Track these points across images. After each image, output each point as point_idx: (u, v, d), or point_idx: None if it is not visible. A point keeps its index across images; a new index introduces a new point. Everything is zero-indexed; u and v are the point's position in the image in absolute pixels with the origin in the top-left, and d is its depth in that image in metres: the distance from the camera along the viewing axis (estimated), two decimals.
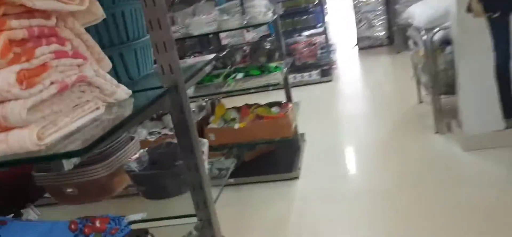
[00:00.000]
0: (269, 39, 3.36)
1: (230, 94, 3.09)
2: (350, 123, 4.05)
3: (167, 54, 1.09)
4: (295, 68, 5.74)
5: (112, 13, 1.11)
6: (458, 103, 2.92)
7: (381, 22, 6.63)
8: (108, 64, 0.96)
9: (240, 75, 2.93)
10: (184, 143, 1.15)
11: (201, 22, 2.83)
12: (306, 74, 5.65)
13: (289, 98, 3.26)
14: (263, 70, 2.99)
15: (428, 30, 3.11)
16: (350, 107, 4.55)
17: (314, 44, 5.65)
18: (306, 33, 5.65)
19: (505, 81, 2.66)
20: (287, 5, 5.65)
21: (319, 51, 5.71)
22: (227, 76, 3.06)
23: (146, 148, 1.49)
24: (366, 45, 6.85)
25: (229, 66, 3.30)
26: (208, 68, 1.58)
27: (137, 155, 1.45)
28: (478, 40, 2.63)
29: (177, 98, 1.11)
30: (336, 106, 4.76)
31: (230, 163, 2.66)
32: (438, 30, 3.02)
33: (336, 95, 5.22)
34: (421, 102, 4.02)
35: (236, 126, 2.93)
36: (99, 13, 0.92)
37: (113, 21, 1.13)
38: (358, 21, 6.75)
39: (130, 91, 0.98)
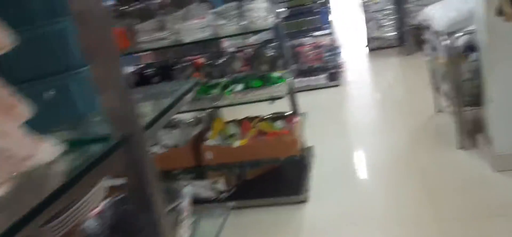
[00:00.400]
0: (272, 44, 3.02)
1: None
2: (362, 135, 3.71)
3: (115, 92, 0.78)
4: (300, 72, 5.42)
5: (46, 33, 0.80)
6: (486, 117, 2.58)
7: (391, 22, 6.27)
8: (25, 112, 0.65)
9: (239, 87, 2.61)
10: (145, 217, 0.83)
11: (193, 28, 2.51)
12: (312, 78, 5.31)
13: (295, 111, 2.93)
14: (265, 81, 2.67)
15: (450, 34, 2.77)
16: (361, 115, 4.21)
17: (321, 46, 5.31)
18: (312, 34, 5.30)
19: None
20: (291, 4, 5.31)
21: (326, 54, 5.37)
22: (225, 86, 2.74)
23: (112, 197, 1.18)
24: (375, 46, 6.50)
25: (228, 75, 2.98)
26: (189, 97, 1.26)
27: (100, 208, 1.14)
28: (510, 47, 2.28)
29: (131, 155, 0.79)
30: (346, 114, 4.42)
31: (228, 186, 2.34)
32: (462, 35, 2.68)
33: (345, 101, 4.88)
34: (439, 111, 3.67)
35: (236, 143, 2.61)
36: (5, 43, 0.60)
37: (48, 43, 0.81)
38: (367, 21, 6.40)
39: (59, 150, 0.67)
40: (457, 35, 2.70)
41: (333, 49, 5.39)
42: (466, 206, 2.35)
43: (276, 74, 2.80)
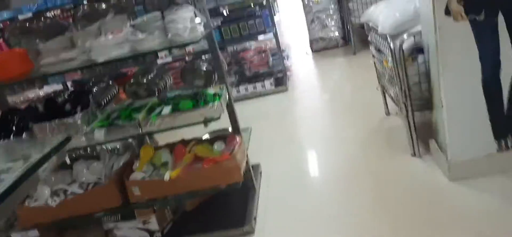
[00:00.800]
0: (206, 56, 2.68)
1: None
2: (312, 144, 3.47)
3: None
4: (245, 79, 5.13)
5: None
6: (439, 122, 2.41)
7: (334, 22, 6.15)
8: None
9: (167, 110, 2.24)
10: None
11: (107, 44, 2.11)
12: (258, 84, 5.03)
13: (235, 129, 2.61)
14: (198, 99, 2.32)
15: (395, 36, 2.58)
16: (310, 122, 3.98)
17: (265, 50, 5.05)
18: (255, 39, 5.02)
19: (496, 94, 2.17)
20: (231, 7, 5.01)
21: (271, 58, 5.12)
22: (152, 109, 2.36)
23: None
24: (320, 47, 6.37)
25: (156, 94, 2.60)
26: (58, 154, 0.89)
27: None
28: (461, 48, 2.11)
29: None
30: (294, 121, 4.17)
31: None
32: (408, 37, 2.50)
33: (293, 107, 4.64)
34: (388, 114, 3.52)
35: (167, 176, 2.23)
36: None
37: None
38: (310, 22, 6.24)
39: None
40: (403, 37, 2.52)
41: (278, 53, 5.15)
42: (420, 216, 2.17)
43: (211, 90, 2.46)
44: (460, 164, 2.32)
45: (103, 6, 2.57)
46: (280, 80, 5.09)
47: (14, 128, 2.26)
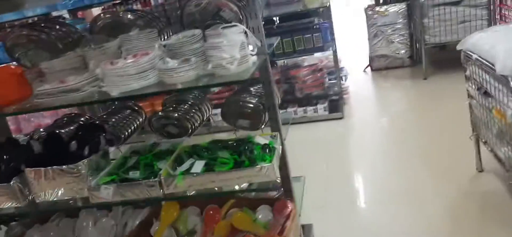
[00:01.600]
0: (255, 88, 2.04)
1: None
2: (377, 200, 2.75)
3: None
4: (295, 100, 4.45)
5: None
6: None
7: (401, 38, 5.33)
8: None
9: (199, 166, 1.62)
10: None
11: (126, 73, 1.52)
12: (309, 108, 4.35)
13: (288, 191, 1.95)
14: (241, 150, 1.68)
15: None
16: (374, 168, 3.21)
17: (321, 70, 4.34)
18: (310, 54, 4.34)
19: None
20: (284, 15, 4.32)
21: (327, 79, 4.41)
22: (179, 159, 1.74)
23: None
24: (381, 66, 5.56)
25: (189, 131, 2.00)
26: None
27: None
28: None
29: None
30: (353, 164, 3.43)
31: None
32: None
33: (351, 143, 3.87)
34: (481, 170, 2.73)
35: None
36: None
37: None
38: (373, 36, 5.45)
39: None
40: None
41: (335, 72, 4.43)
42: None
43: (259, 138, 1.81)
44: None
45: (130, 16, 2.00)
46: (335, 104, 4.36)
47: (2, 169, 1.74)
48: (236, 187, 1.62)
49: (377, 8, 5.26)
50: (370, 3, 5.53)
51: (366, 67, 5.67)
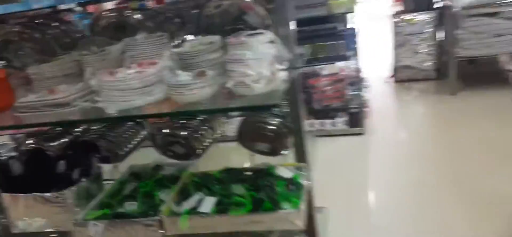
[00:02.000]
0: (275, 111, 1.73)
1: None
2: None
3: None
4: (312, 111, 4.11)
5: None
6: None
7: (429, 49, 4.98)
8: None
9: (208, 205, 1.32)
10: None
11: (127, 87, 1.23)
12: (328, 121, 4.02)
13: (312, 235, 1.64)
14: (260, 186, 1.38)
15: None
16: (404, 202, 2.78)
17: (342, 80, 4.02)
18: (332, 63, 4.01)
19: None
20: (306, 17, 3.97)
21: (348, 89, 4.08)
22: (185, 192, 1.45)
23: None
24: (405, 77, 5.21)
25: (199, 155, 1.70)
26: None
27: None
28: None
29: None
30: (377, 190, 3.04)
31: None
32: None
33: (373, 164, 3.45)
34: None
35: None
36: None
37: None
38: (398, 45, 5.11)
39: None
40: None
41: (357, 83, 4.10)
42: None
43: (283, 169, 1.51)
44: None
45: (138, 15, 1.71)
46: (356, 118, 4.03)
47: None
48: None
49: (404, 16, 4.93)
50: (398, 9, 5.19)
51: (390, 77, 5.33)
